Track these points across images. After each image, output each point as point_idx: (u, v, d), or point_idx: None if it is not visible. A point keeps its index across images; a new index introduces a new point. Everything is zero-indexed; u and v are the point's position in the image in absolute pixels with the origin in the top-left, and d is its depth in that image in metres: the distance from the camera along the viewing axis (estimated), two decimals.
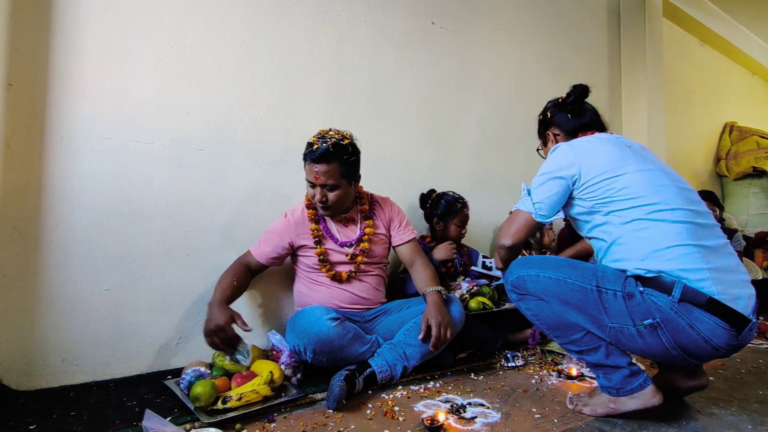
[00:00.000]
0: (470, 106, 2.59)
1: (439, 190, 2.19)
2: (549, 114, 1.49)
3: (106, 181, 1.52)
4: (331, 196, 1.57)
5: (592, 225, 1.27)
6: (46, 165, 1.44)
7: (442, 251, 1.98)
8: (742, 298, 1.09)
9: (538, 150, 1.62)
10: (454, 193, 2.14)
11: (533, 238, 2.38)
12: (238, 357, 1.39)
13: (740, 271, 1.15)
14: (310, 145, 1.56)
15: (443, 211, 2.09)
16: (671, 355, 1.11)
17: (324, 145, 1.52)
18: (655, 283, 1.11)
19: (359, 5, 2.16)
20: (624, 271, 1.17)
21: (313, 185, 1.57)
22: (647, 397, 1.16)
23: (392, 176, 2.21)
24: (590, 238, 1.31)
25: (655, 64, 3.47)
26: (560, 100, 1.50)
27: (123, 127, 1.56)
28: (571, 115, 1.45)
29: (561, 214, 1.31)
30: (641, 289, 1.12)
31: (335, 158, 1.53)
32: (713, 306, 1.06)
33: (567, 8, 3.20)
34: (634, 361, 1.20)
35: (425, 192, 2.21)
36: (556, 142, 1.46)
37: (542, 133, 1.54)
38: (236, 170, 1.78)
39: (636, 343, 1.13)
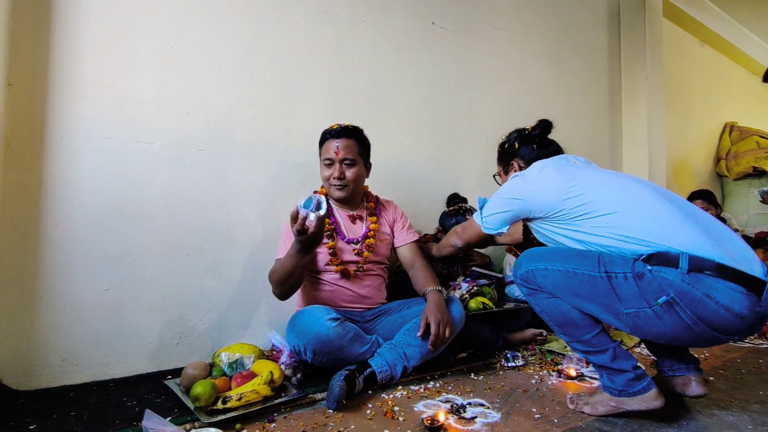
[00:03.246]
0: (470, 106, 2.59)
1: (447, 193, 2.24)
2: (516, 144, 1.51)
3: (106, 181, 1.52)
4: (349, 173, 1.62)
5: (565, 240, 1.26)
6: (46, 165, 1.44)
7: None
8: (750, 261, 1.06)
9: (495, 176, 1.65)
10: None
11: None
12: (317, 211, 1.35)
13: (737, 238, 1.13)
14: (327, 128, 1.66)
15: (447, 229, 2.09)
16: (697, 334, 1.06)
17: (343, 125, 1.65)
18: (658, 259, 1.08)
19: (359, 5, 2.16)
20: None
21: (330, 163, 1.62)
22: (649, 399, 1.15)
23: (393, 176, 2.20)
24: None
25: (655, 65, 3.47)
26: (526, 132, 1.53)
27: (123, 127, 1.56)
28: (536, 147, 1.48)
29: (505, 229, 1.39)
30: (649, 267, 1.08)
31: (354, 135, 1.65)
32: (723, 271, 1.02)
33: (567, 8, 3.20)
34: (639, 364, 1.19)
35: (451, 194, 2.26)
36: (519, 170, 1.49)
37: (506, 162, 1.56)
38: (236, 170, 1.78)
39: (656, 326, 1.09)
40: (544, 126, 1.50)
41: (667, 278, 1.05)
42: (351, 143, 1.63)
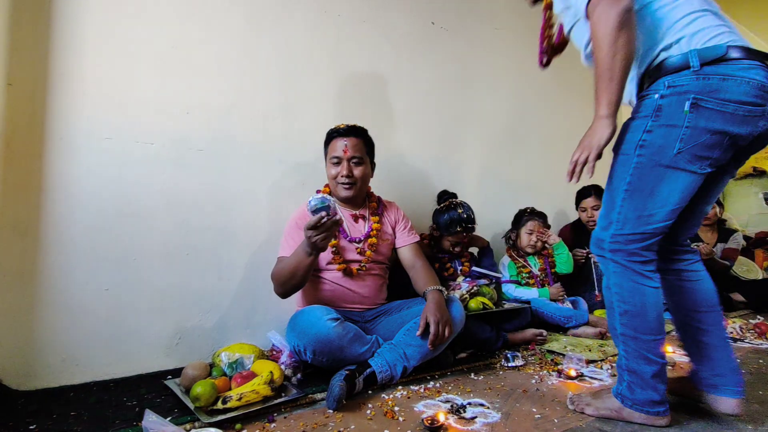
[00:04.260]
0: (471, 105, 2.59)
1: (448, 192, 2.22)
2: None
3: (106, 182, 1.52)
4: (357, 171, 1.65)
5: None
6: (46, 165, 1.44)
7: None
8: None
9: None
10: (463, 211, 2.05)
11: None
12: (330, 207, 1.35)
13: None
14: (334, 128, 1.69)
15: (441, 226, 2.10)
16: (735, 118, 1.03)
17: (350, 125, 1.68)
18: (666, 70, 1.07)
19: (360, 5, 2.16)
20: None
21: (338, 161, 1.65)
22: (656, 419, 1.14)
23: (393, 176, 2.20)
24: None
25: None
26: None
27: (123, 127, 1.56)
28: None
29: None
30: (657, 93, 1.07)
31: (361, 134, 1.69)
32: (734, 52, 1.02)
33: None
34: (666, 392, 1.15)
35: (441, 191, 2.24)
36: None
37: None
38: (236, 170, 1.78)
39: (702, 137, 1.04)
40: None
41: (681, 86, 1.05)
42: (358, 142, 1.66)
